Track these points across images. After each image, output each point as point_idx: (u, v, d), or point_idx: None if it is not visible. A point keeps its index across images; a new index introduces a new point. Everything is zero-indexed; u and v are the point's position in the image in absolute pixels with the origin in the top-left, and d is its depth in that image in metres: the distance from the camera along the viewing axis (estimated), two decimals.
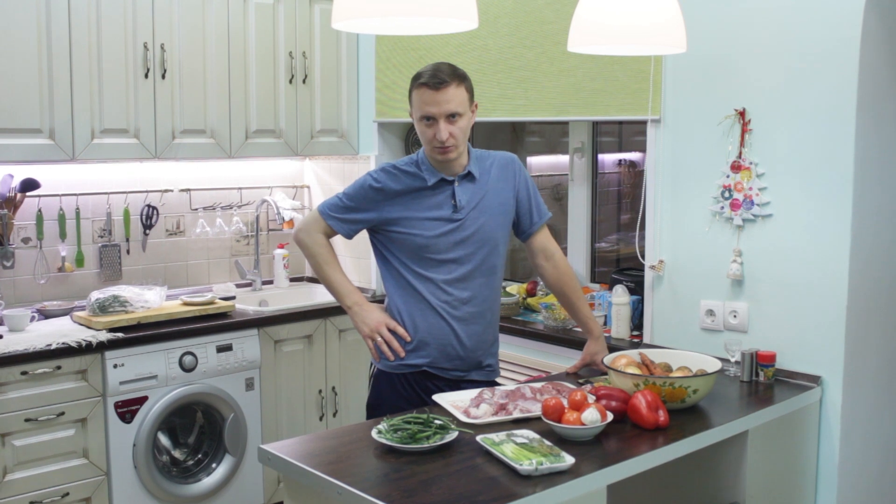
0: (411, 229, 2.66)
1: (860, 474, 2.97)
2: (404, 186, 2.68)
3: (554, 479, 2.02)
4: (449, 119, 2.58)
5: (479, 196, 2.71)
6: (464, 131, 2.63)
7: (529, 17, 3.64)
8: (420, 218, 2.67)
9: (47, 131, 3.50)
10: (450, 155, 2.63)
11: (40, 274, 3.81)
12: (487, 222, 2.71)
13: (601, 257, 4.08)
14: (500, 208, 2.75)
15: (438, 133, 2.57)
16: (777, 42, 2.89)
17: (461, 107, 2.59)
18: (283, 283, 4.53)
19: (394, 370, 2.73)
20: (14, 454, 3.20)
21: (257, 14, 4.09)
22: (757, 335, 3.00)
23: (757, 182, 2.97)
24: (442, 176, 2.68)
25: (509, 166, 2.80)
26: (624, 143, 4.17)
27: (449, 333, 2.69)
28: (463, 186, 2.70)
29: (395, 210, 2.68)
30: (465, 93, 2.61)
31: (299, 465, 2.12)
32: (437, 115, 2.57)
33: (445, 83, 2.56)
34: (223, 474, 3.75)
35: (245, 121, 4.10)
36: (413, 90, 2.62)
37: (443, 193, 2.69)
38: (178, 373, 3.58)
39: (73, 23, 3.52)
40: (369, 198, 2.70)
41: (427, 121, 2.60)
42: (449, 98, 2.56)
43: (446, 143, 2.59)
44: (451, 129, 2.58)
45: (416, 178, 2.69)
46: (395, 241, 2.70)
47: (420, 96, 2.59)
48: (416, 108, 2.62)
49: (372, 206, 2.70)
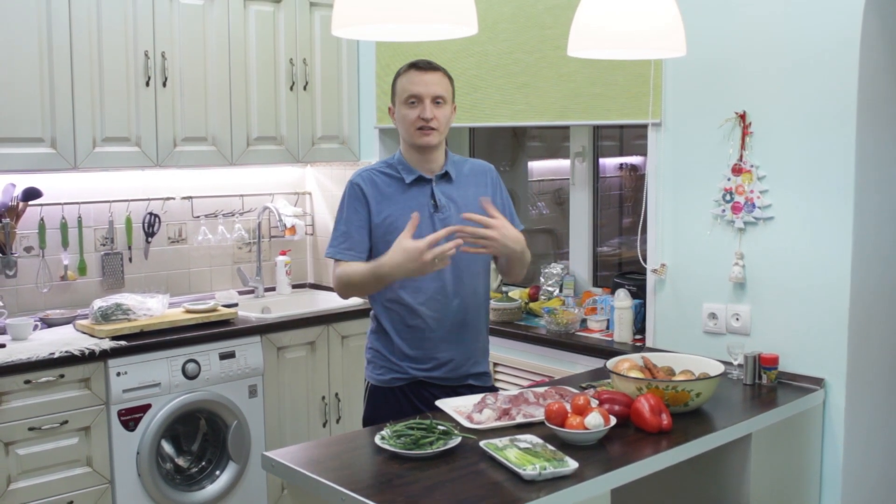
0: (393, 233, 2.57)
1: (864, 477, 2.96)
2: (383, 187, 2.67)
3: (558, 483, 2.02)
4: (435, 102, 2.60)
5: (457, 198, 2.69)
6: (446, 120, 2.65)
7: (529, 23, 3.65)
8: (401, 218, 2.60)
9: (49, 140, 3.51)
10: (431, 139, 2.62)
11: (43, 283, 3.81)
12: (467, 225, 2.64)
13: (603, 261, 4.08)
14: (479, 213, 2.67)
15: (424, 111, 2.58)
16: (777, 45, 2.90)
17: (447, 93, 2.64)
18: (286, 289, 4.54)
19: (387, 384, 2.73)
20: (18, 463, 3.20)
21: (258, 21, 4.10)
22: (759, 338, 3.00)
23: (758, 185, 2.97)
24: (420, 174, 2.67)
25: (487, 174, 2.80)
26: (625, 147, 4.17)
27: (436, 339, 2.67)
28: (441, 186, 2.69)
29: (378, 214, 2.65)
30: (449, 86, 2.67)
31: (303, 471, 2.12)
32: (424, 94, 2.59)
33: (434, 68, 2.64)
34: (227, 482, 3.75)
35: (246, 128, 4.10)
36: (398, 78, 2.65)
37: (422, 193, 2.67)
38: (181, 380, 3.58)
39: (74, 32, 3.53)
40: (355, 207, 2.66)
41: (412, 102, 2.61)
42: (436, 80, 2.62)
43: (430, 122, 2.59)
44: (436, 112, 2.60)
45: (393, 179, 2.68)
46: (379, 251, 2.61)
47: (407, 78, 2.62)
48: (400, 93, 2.64)
49: (363, 213, 2.66)
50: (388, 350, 2.72)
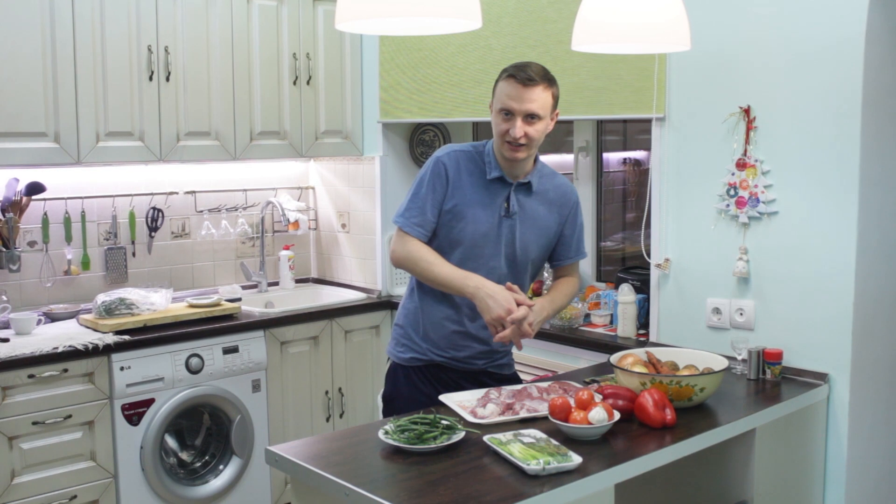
0: (458, 221, 2.59)
1: (868, 471, 2.96)
2: (464, 173, 2.62)
3: (561, 478, 2.02)
4: (527, 119, 2.52)
5: (531, 209, 2.66)
6: (539, 135, 2.56)
7: (532, 17, 3.64)
8: (471, 209, 2.60)
9: (52, 135, 3.51)
10: (518, 154, 2.56)
11: (46, 277, 3.82)
12: (528, 240, 2.67)
13: (607, 256, 4.08)
14: (543, 231, 2.69)
15: (514, 130, 2.52)
16: (781, 39, 2.89)
17: (543, 110, 2.53)
18: (289, 284, 4.54)
19: (408, 363, 2.73)
20: (22, 457, 3.21)
21: (261, 16, 4.09)
22: (763, 333, 3.00)
23: (762, 179, 2.96)
24: (502, 174, 2.63)
25: (568, 195, 2.76)
26: (629, 142, 4.16)
27: (464, 334, 2.68)
28: (518, 194, 2.65)
29: (451, 198, 2.61)
30: (550, 98, 2.55)
31: (306, 466, 2.12)
32: (517, 111, 2.51)
33: (534, 82, 2.50)
34: (230, 476, 3.75)
35: (249, 122, 4.10)
36: (499, 81, 2.57)
37: (498, 194, 2.63)
38: (184, 375, 3.58)
39: (78, 26, 3.53)
40: (434, 185, 2.61)
41: (505, 115, 2.54)
42: (534, 97, 2.50)
43: (518, 140, 2.53)
44: (527, 129, 2.52)
45: (476, 167, 2.64)
46: (437, 233, 2.63)
47: (505, 88, 2.53)
48: (497, 100, 2.56)
49: (440, 193, 2.60)
50: (413, 330, 2.72)
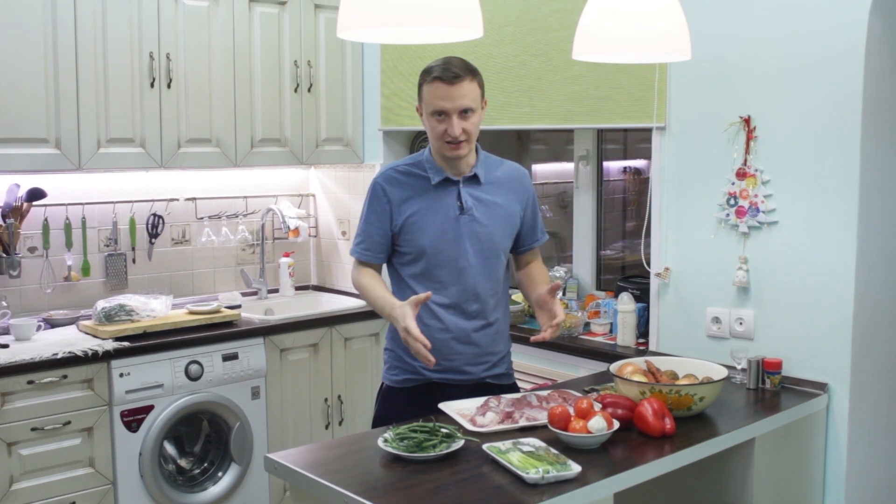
0: (414, 233, 2.61)
1: (868, 482, 2.96)
2: (406, 187, 2.64)
3: (560, 487, 2.02)
4: (462, 115, 2.53)
5: (485, 201, 2.66)
6: (475, 127, 2.58)
7: (534, 26, 3.65)
8: (423, 218, 2.61)
9: (53, 141, 3.51)
10: (461, 151, 2.58)
11: (46, 283, 3.82)
12: (494, 230, 2.67)
13: (607, 265, 4.08)
14: (507, 219, 2.70)
15: (451, 128, 2.52)
16: (782, 49, 2.89)
17: (474, 102, 2.55)
18: (289, 291, 4.54)
19: (403, 384, 2.72)
20: (21, 463, 3.21)
21: (262, 23, 4.10)
22: (763, 342, 3.00)
23: (762, 189, 2.97)
24: (447, 175, 2.64)
25: (521, 179, 2.76)
26: (629, 151, 4.17)
27: (449, 339, 2.66)
28: (468, 188, 2.65)
29: (401, 214, 2.63)
30: (477, 88, 2.56)
31: (306, 473, 2.12)
32: (451, 110, 2.52)
33: (459, 77, 2.50)
34: (229, 483, 3.75)
35: (250, 130, 4.11)
36: (424, 84, 2.56)
37: (448, 195, 2.64)
38: (183, 381, 3.58)
39: (79, 33, 3.54)
40: (375, 208, 2.66)
41: (439, 116, 2.54)
42: (463, 93, 2.51)
43: (459, 138, 2.54)
44: (463, 125, 2.53)
45: (418, 179, 2.65)
46: (401, 250, 2.66)
47: (432, 90, 2.53)
48: (426, 103, 2.57)
49: (383, 214, 2.64)
50: (402, 350, 2.69)
